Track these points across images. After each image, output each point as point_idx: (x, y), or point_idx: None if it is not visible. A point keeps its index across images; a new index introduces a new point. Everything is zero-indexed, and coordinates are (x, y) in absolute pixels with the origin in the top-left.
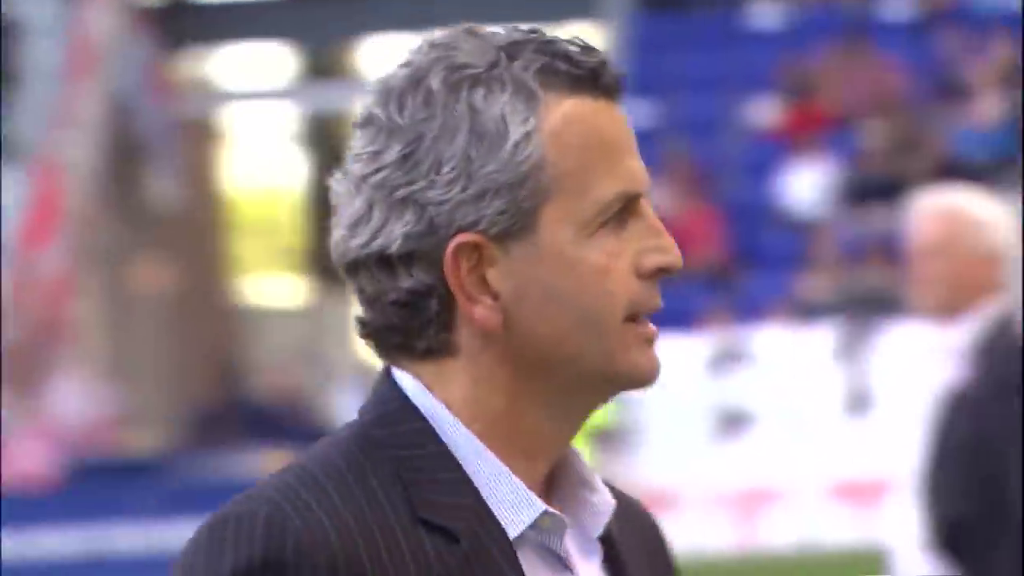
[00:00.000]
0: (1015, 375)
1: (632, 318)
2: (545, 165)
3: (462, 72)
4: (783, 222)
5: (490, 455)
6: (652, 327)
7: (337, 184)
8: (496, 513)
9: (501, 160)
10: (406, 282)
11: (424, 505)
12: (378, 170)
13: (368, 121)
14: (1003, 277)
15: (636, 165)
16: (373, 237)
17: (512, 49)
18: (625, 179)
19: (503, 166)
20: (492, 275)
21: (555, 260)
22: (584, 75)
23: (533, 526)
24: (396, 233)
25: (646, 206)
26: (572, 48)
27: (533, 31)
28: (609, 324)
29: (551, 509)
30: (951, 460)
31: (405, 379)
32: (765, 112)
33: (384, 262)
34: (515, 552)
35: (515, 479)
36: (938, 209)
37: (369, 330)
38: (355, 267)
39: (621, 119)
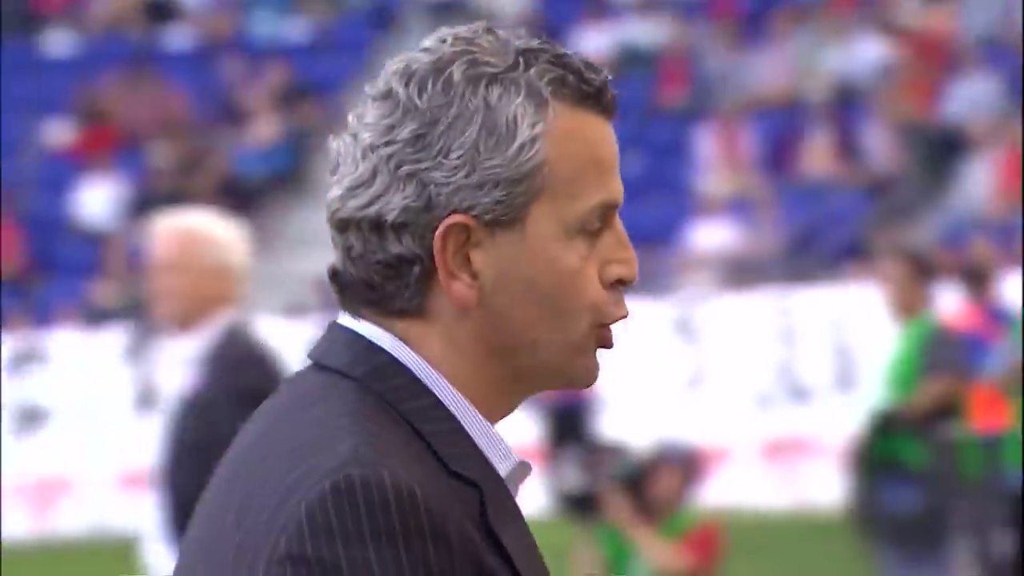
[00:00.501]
0: (243, 382)
1: (599, 325)
2: (544, 167)
3: (483, 68)
4: (77, 234)
5: (473, 408)
6: (612, 335)
7: (339, 145)
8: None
9: (506, 157)
10: (395, 248)
11: (451, 458)
12: (389, 143)
13: (386, 95)
14: (234, 291)
15: (618, 182)
16: (371, 202)
17: (529, 56)
18: (610, 191)
19: (507, 162)
20: (476, 256)
21: (536, 253)
22: (591, 92)
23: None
24: (395, 203)
25: (617, 220)
26: (582, 65)
27: (547, 42)
28: (576, 323)
29: (525, 460)
30: (185, 458)
31: (377, 334)
32: (60, 133)
33: (377, 226)
34: (512, 498)
35: (494, 432)
36: (175, 228)
37: (343, 282)
38: (346, 224)
39: (613, 138)
